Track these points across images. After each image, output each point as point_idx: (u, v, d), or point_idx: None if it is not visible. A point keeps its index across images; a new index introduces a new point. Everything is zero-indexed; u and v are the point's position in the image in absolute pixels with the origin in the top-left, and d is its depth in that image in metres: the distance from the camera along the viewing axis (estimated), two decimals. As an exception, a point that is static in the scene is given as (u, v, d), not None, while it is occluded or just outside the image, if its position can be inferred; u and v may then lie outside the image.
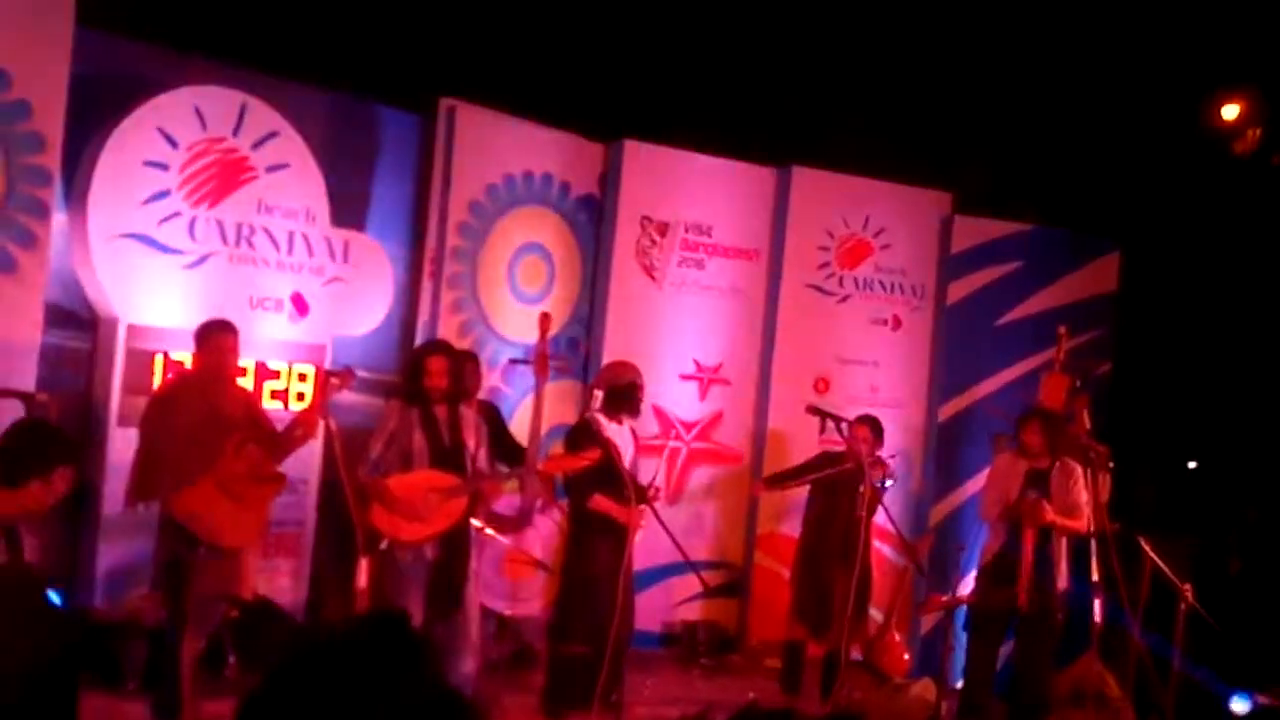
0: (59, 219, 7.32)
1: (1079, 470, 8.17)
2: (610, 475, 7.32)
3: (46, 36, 7.09)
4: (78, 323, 7.58)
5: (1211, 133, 12.13)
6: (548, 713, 7.64)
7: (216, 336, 6.80)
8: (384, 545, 6.82)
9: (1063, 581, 8.14)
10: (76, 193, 7.44)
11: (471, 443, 7.09)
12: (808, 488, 8.62)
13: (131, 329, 7.54)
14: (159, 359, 7.57)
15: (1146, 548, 8.15)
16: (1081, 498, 8.13)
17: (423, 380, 7.01)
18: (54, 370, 7.31)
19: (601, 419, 7.60)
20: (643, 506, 7.44)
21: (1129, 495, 9.53)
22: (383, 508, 6.85)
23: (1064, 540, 8.16)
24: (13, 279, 7.04)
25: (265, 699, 2.06)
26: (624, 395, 7.69)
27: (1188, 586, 7.84)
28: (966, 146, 11.03)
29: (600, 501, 7.56)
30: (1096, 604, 7.85)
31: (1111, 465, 8.55)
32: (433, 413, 7.02)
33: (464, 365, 7.48)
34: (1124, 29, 10.97)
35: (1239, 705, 8.06)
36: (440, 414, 7.03)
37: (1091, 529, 7.97)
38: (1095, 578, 7.82)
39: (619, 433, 7.64)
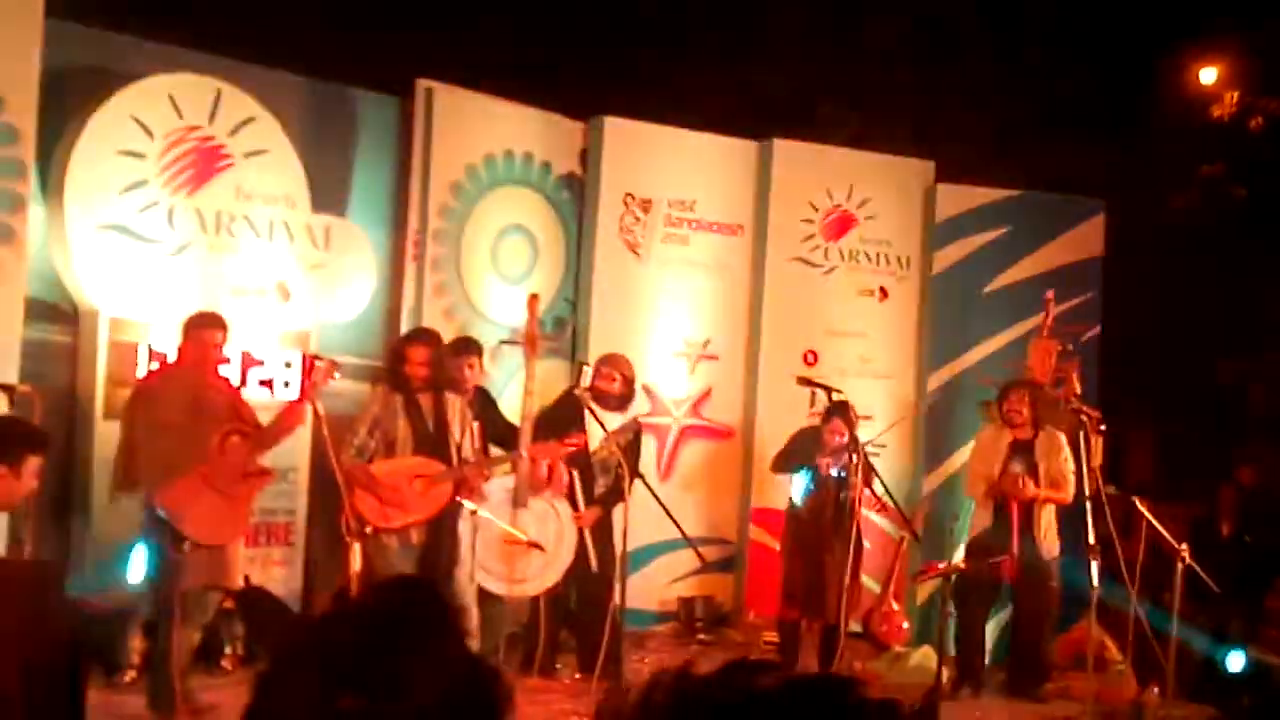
0: (36, 212, 7.24)
1: (1063, 439, 8.17)
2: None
3: (16, 29, 7.01)
4: (59, 316, 7.51)
5: (1190, 97, 12.12)
6: None
7: (200, 329, 6.75)
8: (369, 530, 6.79)
9: (1052, 550, 8.13)
10: (53, 185, 7.36)
11: (457, 430, 7.06)
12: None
13: (113, 321, 7.47)
14: (142, 350, 7.49)
15: (1143, 509, 8.13)
16: (1067, 468, 8.13)
17: (403, 368, 7.01)
18: (37, 365, 7.22)
19: (588, 397, 7.55)
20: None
21: (1121, 460, 9.53)
22: (367, 493, 6.82)
23: (1051, 509, 8.14)
24: (-8, 274, 6.97)
25: (285, 670, 1.97)
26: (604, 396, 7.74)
27: (1184, 547, 7.81)
28: (947, 114, 10.99)
29: None
30: (1093, 568, 7.81)
31: (1103, 429, 8.53)
32: (416, 400, 7.01)
33: (450, 354, 7.42)
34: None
35: (1236, 662, 8.07)
36: (424, 401, 7.03)
37: (1086, 494, 7.93)
38: (1091, 541, 7.78)
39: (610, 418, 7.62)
